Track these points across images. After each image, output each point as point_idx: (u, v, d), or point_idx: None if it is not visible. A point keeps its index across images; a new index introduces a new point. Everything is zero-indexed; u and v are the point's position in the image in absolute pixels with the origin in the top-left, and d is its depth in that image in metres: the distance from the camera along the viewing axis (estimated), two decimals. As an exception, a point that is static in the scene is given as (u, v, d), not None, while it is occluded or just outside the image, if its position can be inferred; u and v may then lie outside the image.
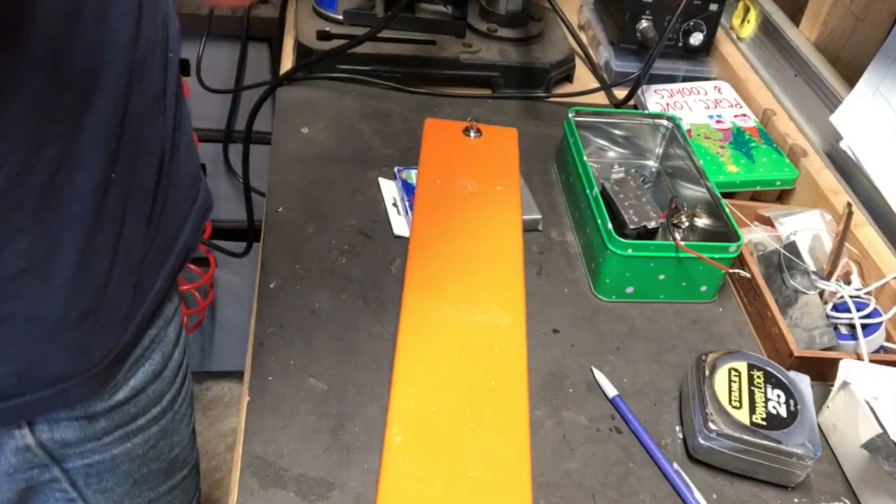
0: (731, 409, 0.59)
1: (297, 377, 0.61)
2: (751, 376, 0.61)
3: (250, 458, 0.56)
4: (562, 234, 0.80)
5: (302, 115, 0.89)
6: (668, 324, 0.72)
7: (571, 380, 0.65)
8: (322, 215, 0.76)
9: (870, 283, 0.73)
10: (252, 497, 0.54)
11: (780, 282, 0.73)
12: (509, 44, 1.00)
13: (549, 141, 0.91)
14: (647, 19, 0.97)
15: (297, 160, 0.83)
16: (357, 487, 0.55)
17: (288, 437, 0.57)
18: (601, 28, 1.07)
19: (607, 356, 0.68)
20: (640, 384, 0.66)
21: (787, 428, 0.58)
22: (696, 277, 0.72)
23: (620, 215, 0.74)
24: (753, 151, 0.87)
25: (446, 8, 1.00)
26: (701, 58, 1.03)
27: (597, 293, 0.73)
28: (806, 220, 0.79)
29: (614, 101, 0.98)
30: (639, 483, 0.58)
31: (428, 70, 0.96)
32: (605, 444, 0.61)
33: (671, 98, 0.96)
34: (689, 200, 0.79)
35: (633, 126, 0.86)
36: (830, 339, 0.68)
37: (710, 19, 0.97)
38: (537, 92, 0.99)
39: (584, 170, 0.77)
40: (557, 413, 0.62)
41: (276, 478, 0.55)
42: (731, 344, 0.71)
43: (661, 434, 0.62)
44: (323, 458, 0.56)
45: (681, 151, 0.83)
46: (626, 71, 0.99)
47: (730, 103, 0.95)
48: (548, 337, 0.69)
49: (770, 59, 1.01)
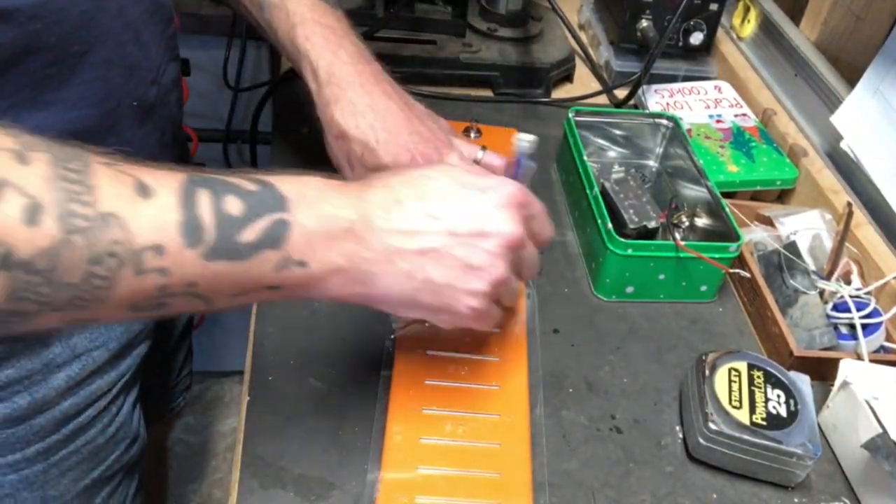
0: (731, 409, 0.59)
1: (297, 377, 0.61)
2: (751, 376, 0.61)
3: (250, 458, 0.56)
4: (562, 234, 0.80)
5: (302, 115, 0.89)
6: (668, 324, 0.72)
7: (571, 380, 0.65)
8: (322, 215, 0.76)
9: (870, 282, 0.73)
10: (252, 497, 0.54)
11: (781, 282, 0.73)
12: (509, 44, 1.00)
13: (549, 141, 0.91)
14: (648, 19, 0.97)
15: (297, 160, 0.83)
16: (357, 487, 0.55)
17: (288, 437, 0.57)
18: (601, 28, 1.07)
19: (607, 356, 0.68)
20: (640, 384, 0.66)
21: (787, 428, 0.58)
22: (696, 277, 0.72)
23: (620, 215, 0.74)
24: (753, 151, 0.87)
25: (446, 8, 1.00)
26: (701, 57, 1.03)
27: (597, 293, 0.73)
28: (806, 220, 0.79)
29: (614, 101, 0.98)
30: (639, 483, 0.58)
31: (428, 70, 0.96)
32: (605, 444, 0.61)
33: (671, 98, 0.96)
34: (689, 200, 0.79)
35: (634, 126, 0.86)
36: (830, 339, 0.68)
37: (711, 19, 0.97)
38: (537, 93, 0.99)
39: (584, 169, 0.77)
40: (557, 413, 0.62)
41: (276, 478, 0.55)
42: (731, 344, 0.71)
43: (661, 434, 0.62)
44: (323, 458, 0.56)
45: (681, 151, 0.83)
46: (626, 71, 0.99)
47: (730, 103, 0.95)
48: (548, 337, 0.68)
49: (770, 58, 1.01)
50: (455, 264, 0.48)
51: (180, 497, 1.50)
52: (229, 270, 0.42)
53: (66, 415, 0.63)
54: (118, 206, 0.38)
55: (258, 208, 0.43)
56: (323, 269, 0.45)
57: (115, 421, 0.68)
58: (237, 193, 0.42)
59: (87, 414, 0.65)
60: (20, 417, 0.60)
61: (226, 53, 1.37)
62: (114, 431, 0.68)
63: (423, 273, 0.48)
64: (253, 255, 0.42)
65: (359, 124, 0.62)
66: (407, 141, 0.62)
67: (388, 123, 0.62)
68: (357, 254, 0.46)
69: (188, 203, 0.41)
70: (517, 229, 0.50)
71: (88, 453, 0.66)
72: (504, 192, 0.50)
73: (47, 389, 0.60)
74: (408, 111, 0.65)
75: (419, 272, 0.48)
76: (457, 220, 0.48)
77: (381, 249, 0.47)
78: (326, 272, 0.45)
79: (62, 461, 0.64)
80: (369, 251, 0.46)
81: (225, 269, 0.42)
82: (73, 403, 0.63)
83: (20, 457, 0.61)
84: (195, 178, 0.42)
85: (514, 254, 0.50)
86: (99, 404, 0.65)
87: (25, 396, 0.59)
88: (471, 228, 0.48)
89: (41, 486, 0.64)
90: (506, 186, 0.51)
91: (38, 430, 0.61)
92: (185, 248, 0.40)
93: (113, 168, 0.40)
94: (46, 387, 0.60)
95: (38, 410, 0.60)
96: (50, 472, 0.64)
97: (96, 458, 0.68)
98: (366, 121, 0.62)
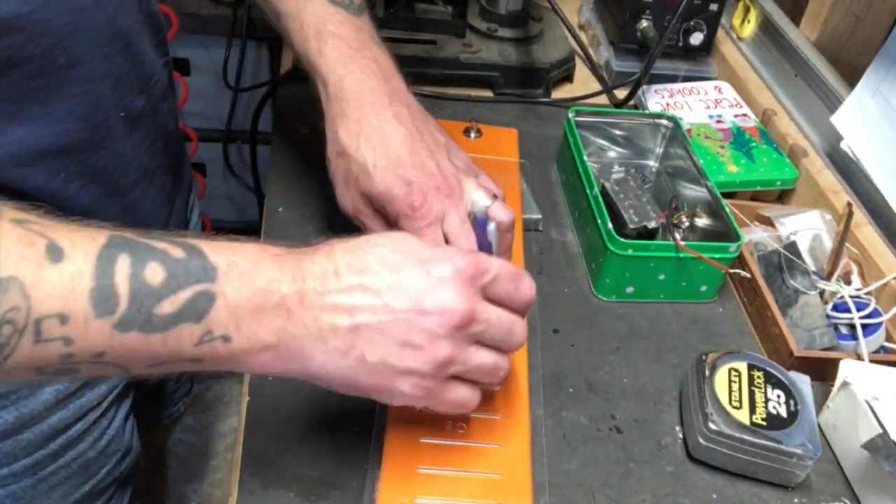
0: (731, 409, 0.59)
1: (297, 377, 0.61)
2: (751, 376, 0.61)
3: (250, 458, 0.56)
4: (562, 234, 0.80)
5: (302, 115, 0.89)
6: (668, 324, 0.72)
7: (571, 380, 0.65)
8: (322, 215, 0.76)
9: (870, 283, 0.73)
10: (252, 497, 0.54)
11: (781, 282, 0.73)
12: (509, 44, 1.00)
13: (549, 141, 0.91)
14: (648, 19, 0.97)
15: (297, 160, 0.83)
16: (357, 487, 0.55)
17: (288, 437, 0.57)
18: (601, 28, 1.07)
19: (607, 356, 0.68)
20: (640, 384, 0.66)
21: (787, 428, 0.58)
22: (696, 277, 0.72)
23: (620, 215, 0.74)
24: (753, 151, 0.87)
25: (446, 8, 1.00)
26: (701, 58, 1.03)
27: (597, 293, 0.73)
28: (806, 220, 0.79)
29: (614, 101, 0.98)
30: (639, 483, 0.58)
31: (428, 70, 0.96)
32: (605, 444, 0.61)
33: (671, 98, 0.96)
34: (689, 200, 0.79)
35: (634, 126, 0.86)
36: (830, 339, 0.68)
37: (710, 19, 0.97)
38: (537, 93, 0.99)
39: (584, 170, 0.77)
40: (557, 413, 0.62)
41: (276, 478, 0.55)
42: (731, 344, 0.71)
43: (661, 434, 0.62)
44: (323, 459, 0.56)
45: (681, 151, 0.83)
46: (626, 71, 0.99)
47: (730, 103, 0.95)
48: (548, 337, 0.69)
49: (770, 59, 1.01)
50: (390, 342, 0.45)
51: (180, 497, 1.50)
52: (143, 342, 0.40)
53: (55, 429, 0.61)
54: (22, 270, 0.37)
55: (182, 278, 0.40)
56: (249, 345, 0.43)
57: (105, 434, 0.66)
58: (161, 260, 0.40)
59: (77, 428, 0.63)
60: (7, 432, 0.58)
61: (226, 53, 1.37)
62: (105, 444, 0.67)
63: (357, 351, 0.45)
64: (170, 327, 0.40)
65: (360, 146, 0.58)
66: (407, 173, 0.57)
67: (391, 150, 0.57)
68: (287, 330, 0.44)
69: (104, 269, 0.39)
70: (463, 306, 0.46)
71: (78, 467, 0.65)
72: (452, 265, 0.46)
73: (35, 404, 0.59)
74: (419, 139, 0.59)
75: (353, 350, 0.45)
76: (396, 296, 0.45)
77: (313, 326, 0.44)
78: (253, 348, 0.43)
79: (51, 476, 0.63)
80: (300, 328, 0.44)
81: (138, 341, 0.40)
82: (62, 417, 0.61)
83: (7, 472, 0.60)
84: (117, 240, 0.40)
85: (462, 332, 0.46)
86: (89, 418, 0.64)
87: (12, 411, 0.57)
88: (411, 305, 0.45)
89: (29, 502, 0.62)
90: (454, 259, 0.47)
91: (25, 445, 0.60)
92: (93, 318, 0.38)
93: (25, 227, 0.38)
94: (34, 401, 0.59)
95: (26, 425, 0.59)
96: (39, 487, 0.62)
97: (87, 472, 0.66)
98: (369, 143, 0.58)
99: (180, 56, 1.39)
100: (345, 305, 0.45)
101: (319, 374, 0.46)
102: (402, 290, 0.45)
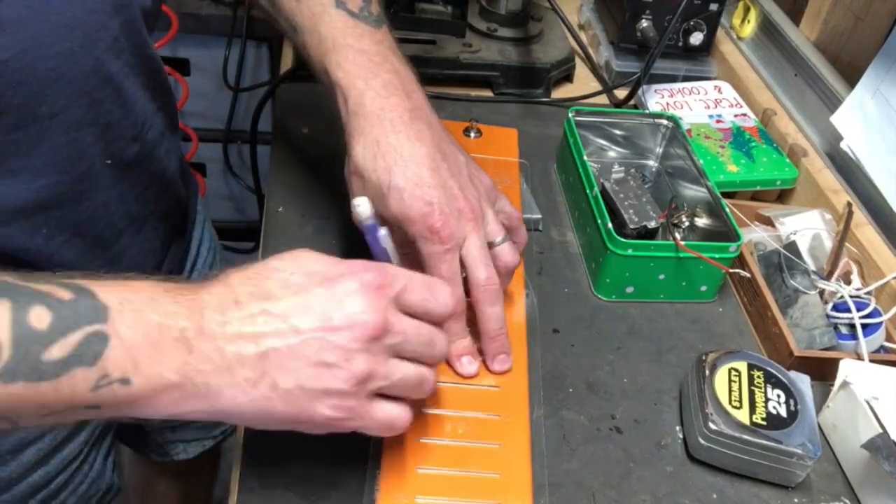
0: (731, 409, 0.59)
1: (297, 377, 0.61)
2: (751, 376, 0.61)
3: (250, 458, 0.56)
4: (562, 233, 0.80)
5: (302, 115, 0.89)
6: (668, 324, 0.72)
7: (571, 380, 0.65)
8: (322, 215, 0.76)
9: (870, 282, 0.73)
10: (252, 497, 0.54)
11: (780, 282, 0.73)
12: (509, 44, 1.00)
13: (549, 141, 0.91)
14: (648, 19, 0.97)
15: (297, 160, 0.83)
16: (357, 487, 0.55)
17: (288, 438, 0.57)
18: (601, 28, 1.07)
19: (607, 356, 0.68)
20: (640, 384, 0.66)
21: (787, 428, 0.58)
22: (696, 277, 0.72)
23: (620, 215, 0.74)
24: (753, 151, 0.87)
25: (446, 8, 1.00)
26: (701, 57, 1.03)
27: (597, 293, 0.73)
28: (806, 220, 0.79)
29: (614, 101, 0.98)
30: (639, 483, 0.58)
31: (428, 70, 0.96)
32: (605, 444, 0.61)
33: (671, 98, 0.96)
34: (689, 200, 0.79)
35: (633, 126, 0.86)
36: (830, 339, 0.68)
37: (710, 19, 0.97)
38: (537, 93, 0.99)
39: (584, 169, 0.77)
40: (557, 413, 0.62)
41: (276, 478, 0.55)
42: (731, 344, 0.71)
43: (661, 434, 0.62)
44: (323, 459, 0.56)
45: (681, 151, 0.83)
46: (626, 71, 0.99)
47: (730, 103, 0.95)
48: (548, 337, 0.68)
49: (770, 58, 1.01)
50: (303, 364, 0.43)
51: (180, 497, 1.50)
52: (32, 392, 0.37)
53: (36, 486, 0.59)
54: None
55: (70, 320, 0.38)
56: (150, 386, 0.40)
57: (86, 479, 0.65)
58: (46, 304, 0.38)
59: (58, 481, 0.61)
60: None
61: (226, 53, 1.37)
62: (85, 489, 0.65)
63: (268, 379, 0.42)
64: (62, 373, 0.38)
65: (377, 167, 0.55)
66: (428, 193, 0.54)
67: (409, 171, 0.54)
68: (190, 365, 0.41)
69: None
70: (373, 317, 0.44)
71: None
72: (357, 279, 0.45)
73: (16, 465, 0.57)
74: (440, 159, 0.56)
75: (263, 379, 0.42)
76: (302, 317, 0.43)
77: (217, 358, 0.42)
78: (155, 389, 0.40)
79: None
80: (205, 362, 0.41)
81: (26, 391, 0.37)
82: (45, 473, 0.59)
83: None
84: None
85: (377, 344, 0.44)
86: (70, 468, 0.62)
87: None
88: (319, 323, 0.43)
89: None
90: (360, 272, 0.45)
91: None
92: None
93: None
94: (16, 463, 0.57)
95: (6, 488, 0.57)
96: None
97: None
98: (384, 163, 0.55)
99: (180, 56, 1.39)
100: (249, 333, 0.42)
101: (230, 409, 0.43)
102: (308, 310, 0.43)
